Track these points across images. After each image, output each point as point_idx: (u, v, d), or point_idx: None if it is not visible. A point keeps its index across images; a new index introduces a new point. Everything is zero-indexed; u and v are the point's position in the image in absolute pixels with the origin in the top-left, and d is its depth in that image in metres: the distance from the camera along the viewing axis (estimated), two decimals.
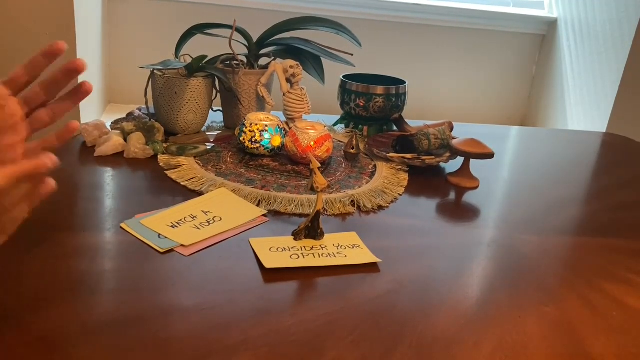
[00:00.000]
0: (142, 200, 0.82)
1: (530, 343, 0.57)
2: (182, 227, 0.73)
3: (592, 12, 2.73)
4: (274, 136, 0.99)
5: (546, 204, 0.96)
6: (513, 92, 3.29)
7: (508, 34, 3.15)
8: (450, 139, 1.04)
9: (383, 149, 1.07)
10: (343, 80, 1.20)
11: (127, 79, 2.91)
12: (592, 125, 2.66)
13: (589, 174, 1.16)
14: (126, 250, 0.68)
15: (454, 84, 3.22)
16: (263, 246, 0.71)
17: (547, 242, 0.81)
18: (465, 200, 0.94)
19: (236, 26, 1.13)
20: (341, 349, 0.54)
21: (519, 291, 0.67)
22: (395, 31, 3.05)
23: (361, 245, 0.73)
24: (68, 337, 0.52)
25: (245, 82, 1.11)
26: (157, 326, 0.54)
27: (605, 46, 2.61)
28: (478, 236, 0.81)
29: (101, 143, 0.96)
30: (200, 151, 0.98)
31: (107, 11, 2.79)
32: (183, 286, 0.62)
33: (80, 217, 0.76)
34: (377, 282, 0.66)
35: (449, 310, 0.62)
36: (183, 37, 1.16)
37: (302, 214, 0.81)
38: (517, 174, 1.11)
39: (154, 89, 1.04)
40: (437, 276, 0.69)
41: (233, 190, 0.86)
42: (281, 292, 0.63)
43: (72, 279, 0.61)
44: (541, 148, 1.30)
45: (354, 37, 1.19)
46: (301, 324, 0.57)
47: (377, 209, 0.86)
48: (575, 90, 2.83)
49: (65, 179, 0.87)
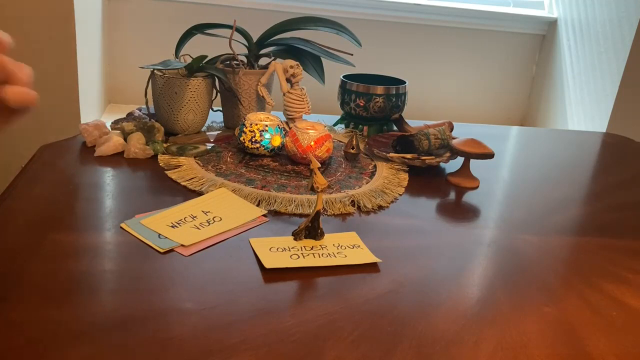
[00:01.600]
0: (142, 200, 0.82)
1: (530, 343, 0.57)
2: (182, 227, 0.73)
3: (592, 12, 2.73)
4: (274, 136, 0.99)
5: (546, 204, 0.96)
6: (513, 92, 3.29)
7: (508, 34, 3.15)
8: (450, 139, 1.04)
9: (383, 149, 1.07)
10: (343, 80, 1.20)
11: (127, 79, 2.91)
12: (592, 125, 2.66)
13: (589, 174, 1.16)
14: (126, 250, 0.68)
15: (454, 84, 3.22)
16: (263, 246, 0.71)
17: (547, 242, 0.81)
18: (465, 200, 0.94)
19: (236, 26, 1.13)
20: (341, 349, 0.54)
21: (519, 291, 0.67)
22: (395, 31, 3.05)
23: (361, 245, 0.73)
24: (68, 337, 0.52)
25: (245, 82, 1.11)
26: (157, 326, 0.54)
27: (605, 46, 2.61)
28: (478, 236, 0.81)
29: (101, 143, 0.96)
30: (200, 151, 0.98)
31: (107, 11, 2.79)
32: (183, 286, 0.62)
33: (80, 217, 0.76)
34: (377, 282, 0.66)
35: (449, 310, 0.62)
36: (183, 37, 1.16)
37: (302, 214, 0.81)
38: (517, 174, 1.11)
39: (154, 89, 1.04)
40: (437, 276, 0.69)
41: (233, 190, 0.86)
42: (281, 292, 0.63)
43: (72, 279, 0.61)
44: (541, 148, 1.30)
45: (354, 37, 1.19)
46: (301, 324, 0.57)
47: (377, 209, 0.86)
48: (575, 90, 2.83)
49: (65, 179, 0.87)
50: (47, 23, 2.02)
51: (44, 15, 2.01)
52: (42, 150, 0.96)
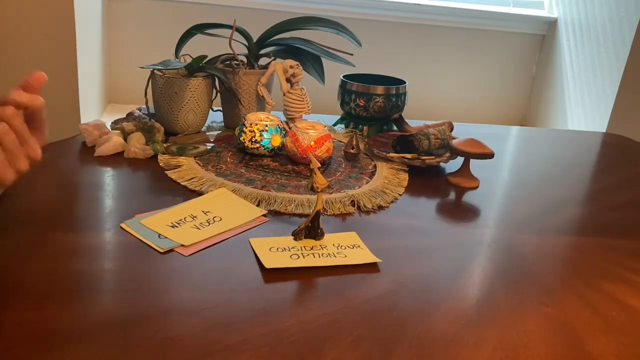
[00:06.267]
0: (142, 200, 0.82)
1: (530, 343, 0.57)
2: (182, 227, 0.73)
3: (592, 12, 2.73)
4: (274, 136, 0.99)
5: (546, 204, 0.96)
6: (513, 92, 3.29)
7: (508, 34, 3.15)
8: (450, 139, 1.04)
9: (383, 149, 1.07)
10: (343, 80, 1.20)
11: (127, 79, 2.91)
12: (592, 125, 2.66)
13: (589, 174, 1.16)
14: (126, 250, 0.68)
15: (454, 84, 3.22)
16: (263, 246, 0.71)
17: (547, 242, 0.81)
18: (465, 200, 0.94)
19: (236, 26, 1.13)
20: (341, 349, 0.54)
21: (519, 291, 0.67)
22: (395, 31, 3.05)
23: (361, 245, 0.73)
24: (68, 337, 0.52)
25: (245, 82, 1.11)
26: (157, 326, 0.54)
27: (605, 46, 2.61)
28: (478, 236, 0.81)
29: (101, 143, 0.96)
30: (200, 151, 0.98)
31: (107, 11, 2.79)
32: (183, 286, 0.62)
33: (80, 217, 0.76)
34: (377, 282, 0.66)
35: (449, 310, 0.62)
36: (183, 37, 1.16)
37: (302, 214, 0.81)
38: (517, 174, 1.11)
39: (154, 89, 1.04)
40: (437, 276, 0.69)
41: (233, 190, 0.86)
42: (281, 292, 0.63)
43: (72, 279, 0.61)
44: (541, 148, 1.30)
45: (354, 37, 1.19)
46: (301, 324, 0.57)
47: (377, 209, 0.86)
48: (575, 90, 2.83)
49: (65, 179, 0.87)
50: (47, 23, 2.02)
51: (44, 15, 2.01)
52: (42, 150, 0.96)
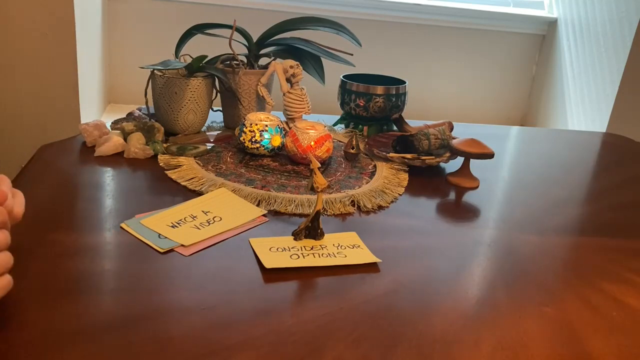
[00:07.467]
0: (142, 200, 0.82)
1: (530, 343, 0.57)
2: (182, 227, 0.73)
3: (592, 12, 2.73)
4: (274, 136, 0.99)
5: (546, 204, 0.96)
6: (513, 92, 3.29)
7: (508, 34, 3.15)
8: (450, 139, 1.04)
9: (383, 149, 1.07)
10: (343, 80, 1.20)
11: (127, 79, 2.91)
12: (592, 125, 2.66)
13: (589, 174, 1.16)
14: (126, 250, 0.68)
15: (454, 84, 3.22)
16: (263, 246, 0.71)
17: (547, 242, 0.81)
18: (465, 200, 0.94)
19: (236, 26, 1.13)
20: (341, 349, 0.54)
21: (519, 291, 0.67)
22: (395, 31, 3.05)
23: (361, 245, 0.73)
24: (68, 337, 0.52)
25: (245, 82, 1.11)
26: (157, 326, 0.54)
27: (605, 46, 2.61)
28: (478, 236, 0.81)
29: (101, 143, 0.96)
30: (200, 151, 0.98)
31: (107, 11, 2.79)
32: (183, 286, 0.62)
33: (80, 217, 0.76)
34: (377, 282, 0.66)
35: (449, 310, 0.62)
36: (183, 37, 1.16)
37: (302, 214, 0.81)
38: (517, 174, 1.11)
39: (154, 89, 1.04)
40: (437, 276, 0.69)
41: (233, 190, 0.86)
42: (281, 292, 0.63)
43: (72, 279, 0.61)
44: (541, 148, 1.30)
45: (354, 37, 1.19)
46: (301, 324, 0.57)
47: (377, 209, 0.86)
48: (575, 90, 2.83)
49: (65, 179, 0.87)
50: (47, 23, 2.02)
51: (44, 15, 2.01)
52: (42, 150, 0.96)
